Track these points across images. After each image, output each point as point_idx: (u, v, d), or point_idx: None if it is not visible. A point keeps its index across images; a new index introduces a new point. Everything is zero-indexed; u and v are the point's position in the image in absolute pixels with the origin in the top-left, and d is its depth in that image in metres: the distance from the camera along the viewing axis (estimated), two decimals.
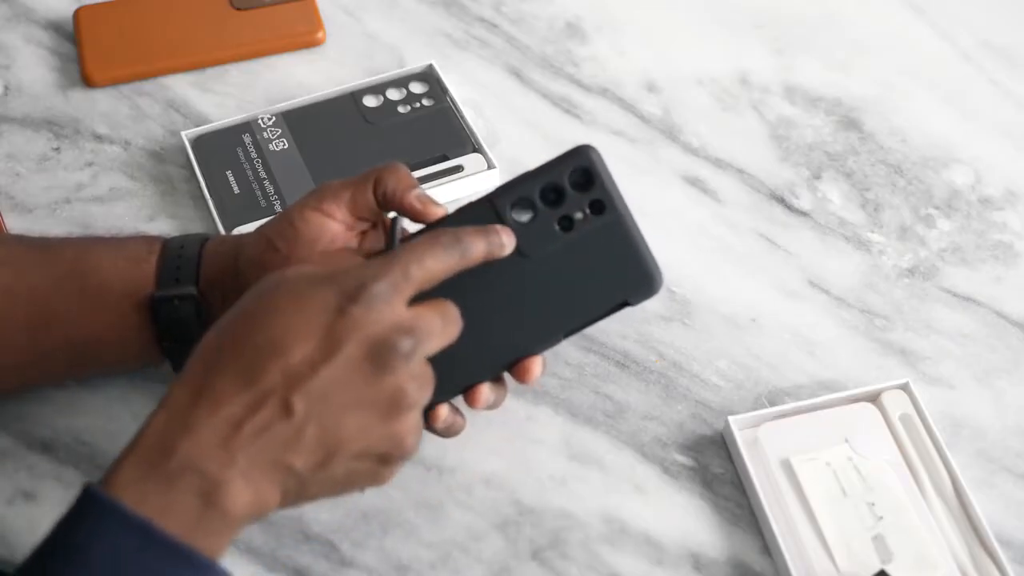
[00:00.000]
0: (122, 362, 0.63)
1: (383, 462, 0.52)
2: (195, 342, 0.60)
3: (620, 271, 0.59)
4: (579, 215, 0.58)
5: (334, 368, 0.48)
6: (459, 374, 0.57)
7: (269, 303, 0.50)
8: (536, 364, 0.59)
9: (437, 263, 0.53)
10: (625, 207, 0.59)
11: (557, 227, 0.58)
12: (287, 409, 0.48)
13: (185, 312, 0.59)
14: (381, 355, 0.49)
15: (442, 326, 0.52)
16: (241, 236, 0.62)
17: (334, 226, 0.59)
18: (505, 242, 0.56)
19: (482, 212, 0.58)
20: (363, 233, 0.61)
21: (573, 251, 0.58)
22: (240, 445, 0.48)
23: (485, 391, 0.58)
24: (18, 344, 0.60)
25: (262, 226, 0.61)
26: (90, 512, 0.47)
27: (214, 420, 0.48)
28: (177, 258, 0.60)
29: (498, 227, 0.56)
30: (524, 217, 0.58)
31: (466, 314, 0.55)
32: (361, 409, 0.50)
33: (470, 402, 0.58)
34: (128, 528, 0.46)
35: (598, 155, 0.59)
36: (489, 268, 0.57)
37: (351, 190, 0.59)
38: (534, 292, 0.58)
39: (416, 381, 0.51)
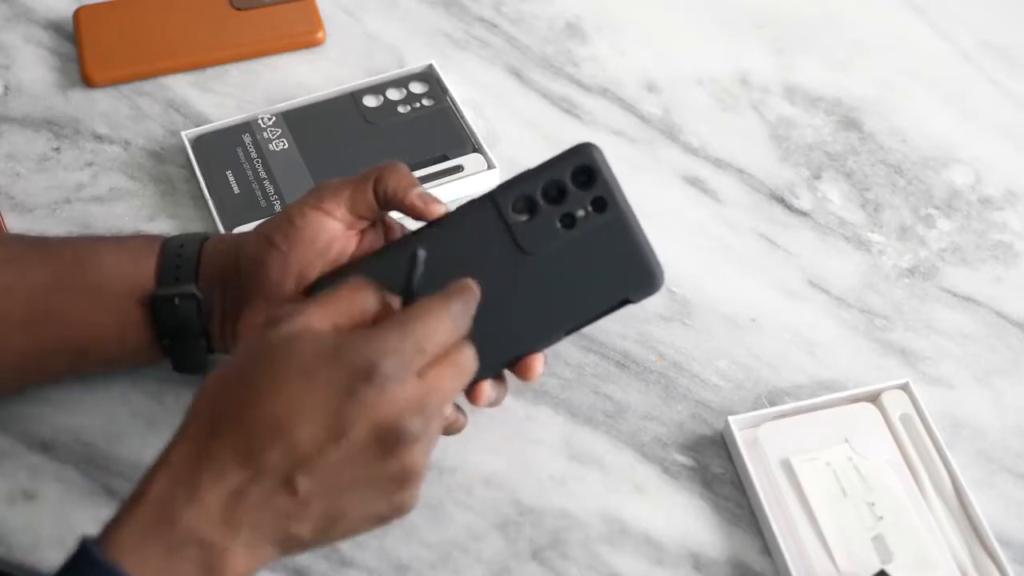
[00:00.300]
0: (121, 360, 0.63)
1: (383, 522, 0.52)
2: (194, 339, 0.60)
3: (622, 268, 0.59)
4: (581, 213, 0.58)
5: (340, 451, 0.48)
6: None
7: (275, 373, 0.48)
8: (538, 361, 0.59)
9: (451, 335, 0.51)
10: (627, 204, 0.59)
11: (559, 224, 0.58)
12: (290, 487, 0.48)
13: (185, 310, 0.59)
14: (390, 439, 0.48)
15: (455, 384, 0.52)
16: (241, 235, 0.62)
17: (334, 225, 0.59)
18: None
19: (484, 210, 0.58)
20: (362, 232, 0.60)
21: (575, 248, 0.58)
22: (243, 517, 0.47)
23: (487, 388, 0.58)
24: (17, 342, 0.60)
25: (261, 224, 0.61)
26: (87, 574, 0.46)
27: (218, 492, 0.47)
28: (177, 256, 0.60)
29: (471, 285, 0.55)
30: (525, 215, 0.58)
31: None
32: (366, 487, 0.49)
33: (472, 399, 0.58)
34: None
35: (600, 153, 0.59)
36: (491, 266, 0.57)
37: (351, 189, 0.59)
38: (535, 289, 0.58)
39: (425, 452, 0.51)
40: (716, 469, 0.66)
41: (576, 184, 0.58)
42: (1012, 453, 0.68)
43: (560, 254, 0.58)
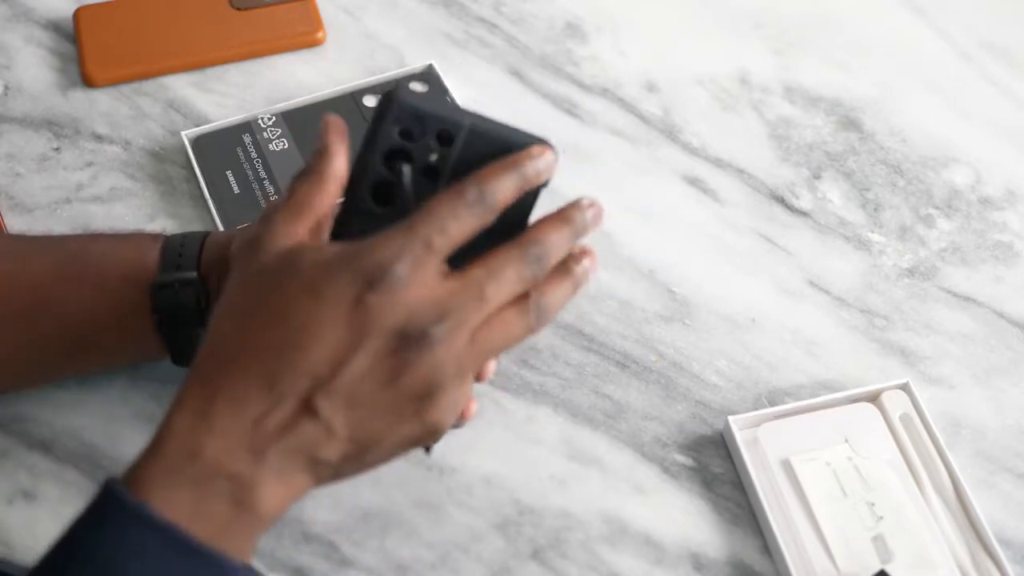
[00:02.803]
0: (121, 351, 0.62)
1: (417, 443, 0.50)
2: (194, 328, 0.60)
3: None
4: (434, 157, 0.52)
5: (357, 365, 0.46)
6: None
7: (281, 295, 0.47)
8: None
9: (462, 226, 0.48)
10: (468, 113, 0.52)
11: (428, 181, 0.52)
12: (311, 410, 0.46)
13: (185, 297, 0.59)
14: (409, 344, 0.46)
15: (493, 287, 0.47)
16: (240, 228, 0.62)
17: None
18: (541, 166, 0.51)
19: (353, 224, 0.52)
20: None
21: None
22: (268, 446, 0.46)
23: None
24: (18, 332, 0.60)
25: (265, 207, 0.60)
26: (115, 516, 0.45)
27: (238, 422, 0.46)
28: (179, 247, 0.61)
29: (532, 151, 0.51)
30: (388, 202, 0.52)
31: None
32: (390, 403, 0.47)
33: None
34: (159, 535, 0.44)
35: (407, 91, 0.52)
36: None
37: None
38: (460, 250, 0.51)
39: (449, 359, 0.47)
40: (716, 469, 0.66)
41: (409, 137, 0.52)
42: (1012, 453, 0.68)
43: None
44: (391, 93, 0.51)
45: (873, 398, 0.68)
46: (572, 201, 0.52)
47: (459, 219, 0.48)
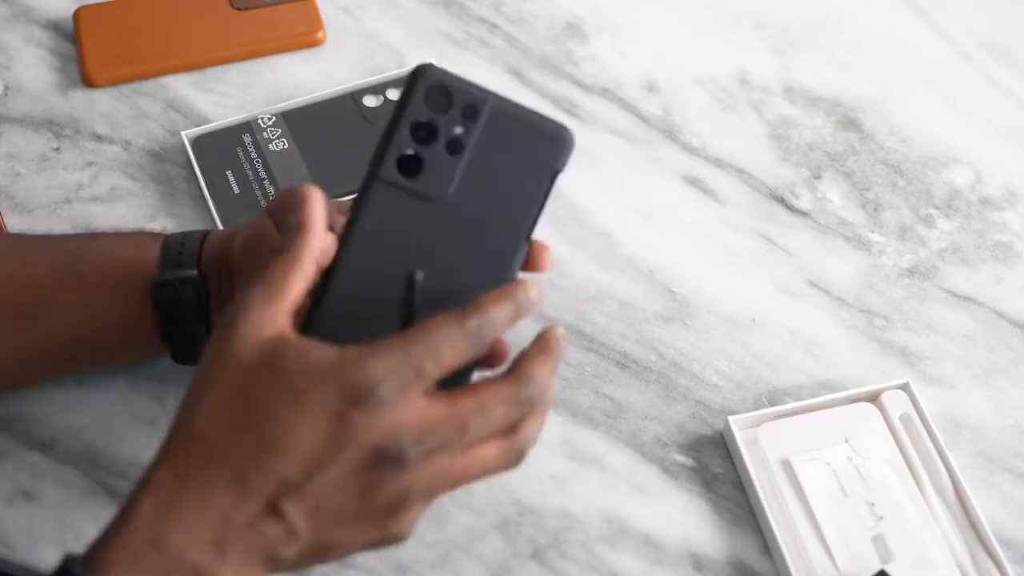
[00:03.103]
0: (122, 350, 0.62)
1: (376, 548, 0.50)
2: (194, 326, 0.60)
3: (530, 150, 0.54)
4: (459, 130, 0.53)
5: (330, 476, 0.46)
6: None
7: (261, 396, 0.46)
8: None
9: (456, 356, 0.47)
10: (494, 94, 0.54)
11: (450, 155, 0.53)
12: (278, 513, 0.46)
13: (186, 295, 0.59)
14: (385, 464, 0.46)
15: (479, 417, 0.47)
16: (242, 223, 0.62)
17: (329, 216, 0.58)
18: (533, 297, 0.50)
19: (375, 192, 0.53)
20: None
21: (479, 164, 0.54)
22: (231, 542, 0.46)
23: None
24: (19, 331, 0.60)
25: (266, 205, 0.60)
26: None
27: (205, 515, 0.45)
28: (180, 245, 0.61)
29: (526, 283, 0.50)
30: (414, 170, 0.53)
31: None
32: (356, 514, 0.47)
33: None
34: None
35: (436, 68, 0.54)
36: (419, 237, 0.53)
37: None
38: (473, 224, 0.53)
39: (422, 481, 0.47)
40: (716, 469, 0.66)
41: (437, 109, 0.53)
42: (1012, 453, 0.68)
43: (470, 179, 0.53)
44: (422, 66, 0.53)
45: (873, 398, 0.68)
46: (552, 334, 0.51)
47: (455, 348, 0.47)
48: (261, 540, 0.46)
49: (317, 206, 0.51)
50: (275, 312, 0.48)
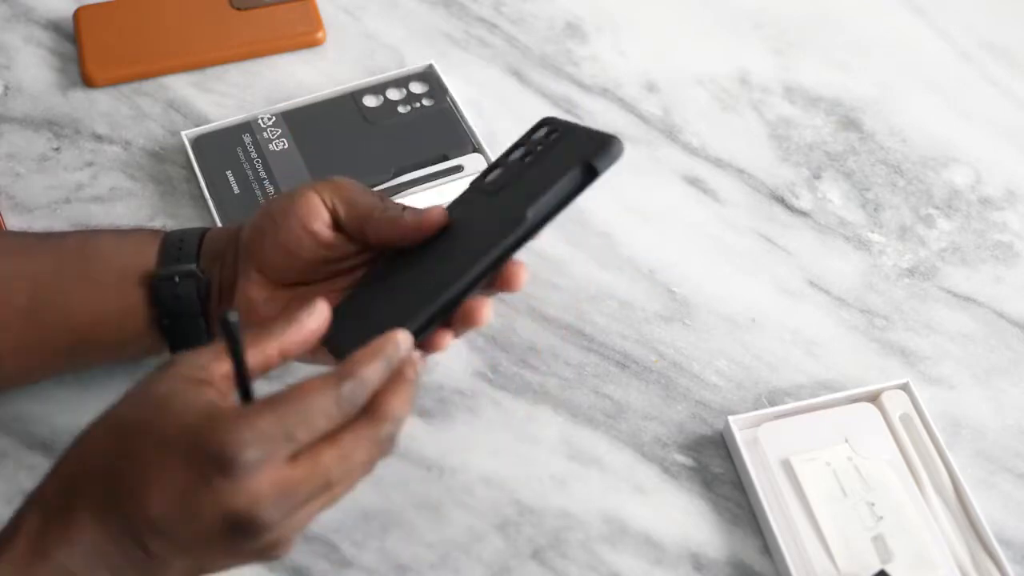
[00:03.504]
0: (122, 346, 0.62)
1: (253, 564, 0.52)
2: (193, 321, 0.60)
3: (579, 149, 0.56)
4: (540, 147, 0.58)
5: (192, 533, 0.47)
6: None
7: (135, 445, 0.48)
8: (520, 269, 0.55)
9: (329, 423, 0.48)
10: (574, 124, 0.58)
11: (523, 160, 0.58)
12: (145, 549, 0.47)
13: (185, 290, 0.60)
14: (241, 530, 0.47)
15: (341, 470, 0.48)
16: (245, 219, 0.62)
17: (326, 216, 0.58)
18: (403, 353, 0.50)
19: (475, 197, 0.58)
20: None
21: (531, 162, 0.58)
22: (108, 561, 0.48)
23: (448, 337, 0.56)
24: (19, 329, 0.60)
25: (267, 200, 0.60)
26: None
27: (83, 536, 0.47)
28: (179, 241, 0.61)
29: (395, 338, 0.50)
30: (502, 185, 0.58)
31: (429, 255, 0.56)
32: (227, 556, 0.49)
33: (434, 348, 0.56)
34: None
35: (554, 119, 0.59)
36: (465, 217, 0.57)
37: (364, 208, 0.58)
38: (495, 205, 0.57)
39: (292, 529, 0.48)
40: (716, 469, 0.66)
41: (537, 139, 0.59)
42: (1012, 453, 0.68)
43: (514, 171, 0.58)
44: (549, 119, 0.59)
45: (873, 398, 0.68)
46: (406, 364, 0.51)
47: (328, 416, 0.48)
48: (134, 567, 0.48)
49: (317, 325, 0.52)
50: (208, 362, 0.49)
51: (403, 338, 0.50)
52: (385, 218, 0.57)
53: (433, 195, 0.74)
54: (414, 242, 0.57)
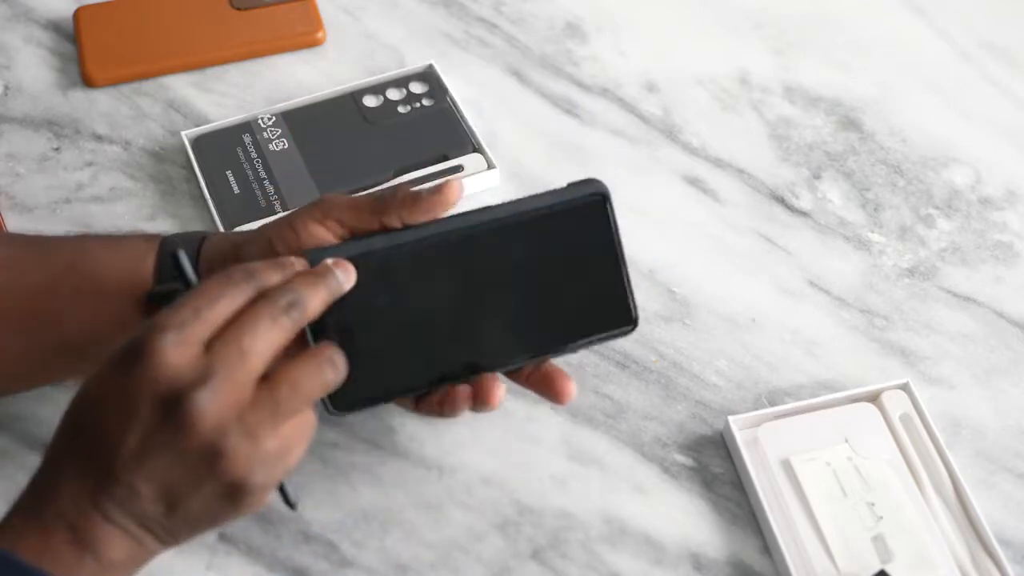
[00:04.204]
0: None
1: (235, 501, 0.51)
2: None
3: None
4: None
5: (136, 434, 0.48)
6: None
7: (89, 386, 0.50)
8: (496, 387, 0.59)
9: (230, 302, 0.50)
10: (620, 246, 0.59)
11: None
12: (114, 477, 0.48)
13: None
14: (171, 411, 0.48)
15: (257, 342, 0.49)
16: (241, 233, 0.62)
17: (331, 240, 0.58)
18: (294, 264, 0.54)
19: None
20: None
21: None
22: (98, 505, 0.49)
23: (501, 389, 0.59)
24: (14, 344, 0.59)
25: (265, 225, 0.60)
26: None
27: (72, 484, 0.49)
28: (176, 249, 0.61)
29: (292, 259, 0.54)
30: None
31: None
32: (181, 464, 0.49)
33: (488, 400, 0.59)
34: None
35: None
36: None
37: (353, 210, 0.58)
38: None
39: (233, 417, 0.49)
40: (716, 469, 0.66)
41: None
42: (1012, 453, 0.68)
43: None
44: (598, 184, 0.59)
45: (873, 398, 0.68)
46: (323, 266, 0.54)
47: (229, 296, 0.51)
48: (117, 504, 0.49)
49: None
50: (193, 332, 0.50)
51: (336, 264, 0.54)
52: (406, 196, 0.57)
53: None
54: (437, 216, 0.58)
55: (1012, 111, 0.84)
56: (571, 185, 0.58)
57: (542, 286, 0.58)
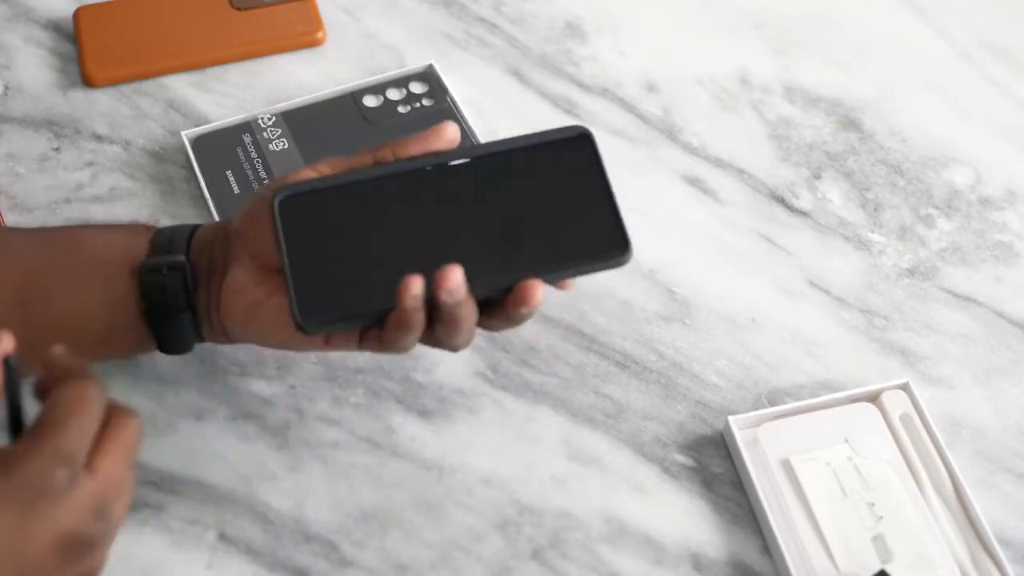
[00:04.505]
0: (110, 339, 0.61)
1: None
2: (180, 313, 0.60)
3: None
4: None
5: (23, 568, 0.45)
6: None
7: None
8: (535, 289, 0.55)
9: (91, 426, 0.48)
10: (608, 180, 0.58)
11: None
12: None
13: (173, 283, 0.59)
14: (74, 551, 0.46)
15: (127, 459, 0.48)
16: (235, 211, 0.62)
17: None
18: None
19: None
20: None
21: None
22: None
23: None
24: (9, 322, 0.59)
25: (260, 188, 0.60)
26: None
27: None
28: (170, 234, 0.61)
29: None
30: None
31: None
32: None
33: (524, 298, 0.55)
34: None
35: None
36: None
37: (345, 158, 0.59)
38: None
39: (108, 545, 0.48)
40: (716, 469, 0.66)
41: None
42: (1012, 453, 0.68)
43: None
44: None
45: (873, 398, 0.68)
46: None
47: (88, 425, 0.48)
48: None
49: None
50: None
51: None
52: (400, 138, 0.57)
53: None
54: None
55: (1012, 111, 0.84)
56: (554, 129, 0.59)
57: (531, 215, 0.57)
